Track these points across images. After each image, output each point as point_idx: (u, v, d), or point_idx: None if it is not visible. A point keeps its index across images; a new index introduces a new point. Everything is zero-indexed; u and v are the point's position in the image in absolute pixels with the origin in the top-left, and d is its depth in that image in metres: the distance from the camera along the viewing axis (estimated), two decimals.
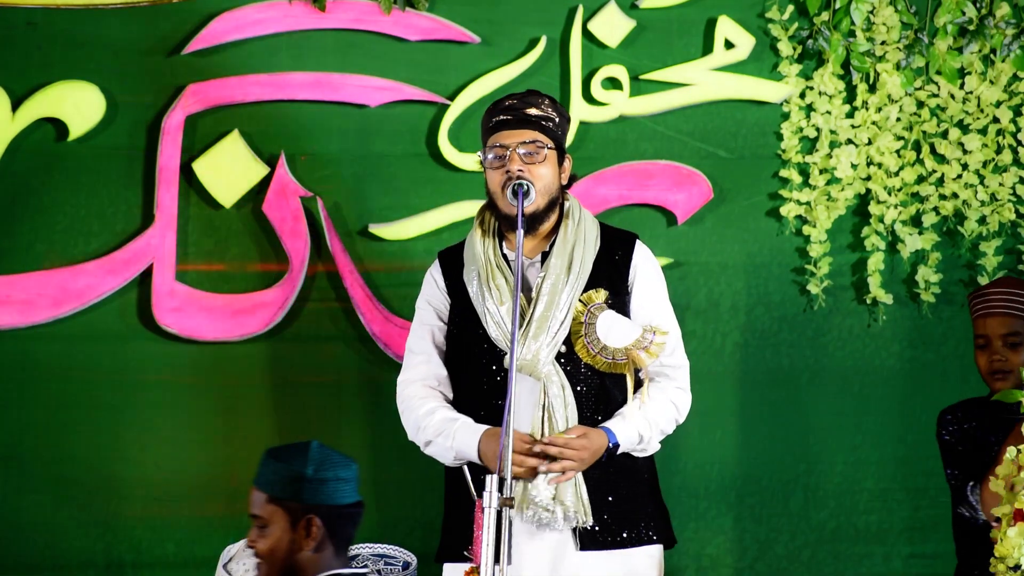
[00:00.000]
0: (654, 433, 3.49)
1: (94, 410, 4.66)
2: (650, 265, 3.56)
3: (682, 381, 3.57)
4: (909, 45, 4.92)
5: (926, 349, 4.87)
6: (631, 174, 4.87)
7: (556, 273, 3.41)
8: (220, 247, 4.74)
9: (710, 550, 4.84)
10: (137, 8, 4.73)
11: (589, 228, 3.49)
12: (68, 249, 4.69)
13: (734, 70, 4.91)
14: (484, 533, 2.98)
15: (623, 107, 4.87)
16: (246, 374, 4.72)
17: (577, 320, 3.41)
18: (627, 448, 3.45)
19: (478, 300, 3.44)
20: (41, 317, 4.64)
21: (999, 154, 4.93)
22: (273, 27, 4.78)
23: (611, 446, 3.41)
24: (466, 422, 3.40)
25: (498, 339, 3.40)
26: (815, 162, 4.90)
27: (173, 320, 4.67)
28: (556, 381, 3.38)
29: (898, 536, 4.89)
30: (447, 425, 3.42)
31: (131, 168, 4.73)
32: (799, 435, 4.90)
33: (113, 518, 4.65)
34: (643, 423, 3.46)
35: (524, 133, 3.43)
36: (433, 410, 3.46)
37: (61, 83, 4.69)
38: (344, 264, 4.73)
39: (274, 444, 4.68)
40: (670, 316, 3.57)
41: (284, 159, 4.75)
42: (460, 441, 3.39)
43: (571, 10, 4.87)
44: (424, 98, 4.81)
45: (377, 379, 4.73)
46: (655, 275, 3.56)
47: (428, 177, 4.81)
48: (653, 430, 3.48)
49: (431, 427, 3.44)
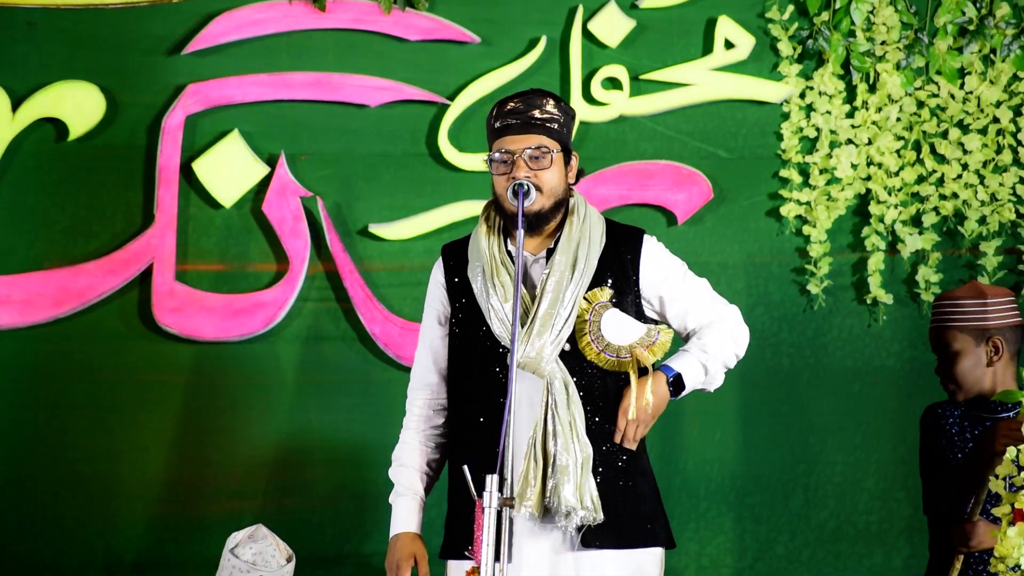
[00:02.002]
0: (718, 366, 3.47)
1: (94, 410, 4.66)
2: (661, 257, 3.53)
3: (737, 316, 3.55)
4: (909, 45, 4.92)
5: (926, 349, 4.85)
6: (631, 174, 4.87)
7: (560, 270, 3.40)
8: (220, 247, 4.74)
9: (710, 550, 4.85)
10: (137, 8, 4.73)
11: (594, 225, 3.48)
12: (68, 249, 4.69)
13: (734, 70, 4.92)
14: (484, 533, 2.98)
15: (623, 107, 4.87)
16: (246, 374, 4.72)
17: (581, 318, 3.40)
18: (692, 383, 3.44)
19: (482, 297, 3.44)
20: (41, 317, 4.64)
21: (999, 154, 4.93)
22: (273, 27, 4.78)
23: (669, 379, 3.39)
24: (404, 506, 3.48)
25: (502, 336, 3.40)
26: (815, 162, 4.90)
27: (173, 320, 4.67)
28: (560, 379, 3.37)
29: (898, 536, 4.89)
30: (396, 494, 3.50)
31: (131, 168, 4.73)
32: (799, 435, 4.90)
33: (113, 518, 4.65)
34: (704, 355, 3.44)
35: (530, 138, 3.42)
36: (402, 464, 3.52)
37: (61, 83, 4.69)
38: (344, 264, 4.73)
39: (274, 444, 4.73)
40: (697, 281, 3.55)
41: (284, 159, 4.75)
42: (394, 512, 3.47)
43: (571, 10, 4.87)
44: (424, 98, 4.82)
45: (377, 379, 4.73)
46: (668, 263, 3.54)
47: (428, 177, 4.81)
48: (716, 363, 3.46)
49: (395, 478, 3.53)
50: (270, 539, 3.87)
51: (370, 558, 4.67)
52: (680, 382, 3.43)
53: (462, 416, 3.46)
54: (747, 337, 3.55)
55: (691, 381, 3.45)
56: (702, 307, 3.52)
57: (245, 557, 3.82)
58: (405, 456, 3.54)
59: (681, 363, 3.45)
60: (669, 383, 3.40)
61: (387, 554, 3.46)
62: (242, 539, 3.86)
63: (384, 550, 3.51)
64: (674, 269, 3.54)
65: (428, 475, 3.55)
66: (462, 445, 3.43)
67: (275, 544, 3.87)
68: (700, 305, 3.52)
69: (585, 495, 3.32)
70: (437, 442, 3.55)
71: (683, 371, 3.43)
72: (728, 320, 3.53)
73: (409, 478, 3.52)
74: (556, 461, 3.32)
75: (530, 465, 3.33)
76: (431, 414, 3.55)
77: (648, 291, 3.49)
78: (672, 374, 3.41)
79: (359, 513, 4.70)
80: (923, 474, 3.85)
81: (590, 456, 3.35)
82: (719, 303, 3.55)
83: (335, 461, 4.73)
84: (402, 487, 3.51)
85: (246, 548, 3.84)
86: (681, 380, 3.43)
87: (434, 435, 3.55)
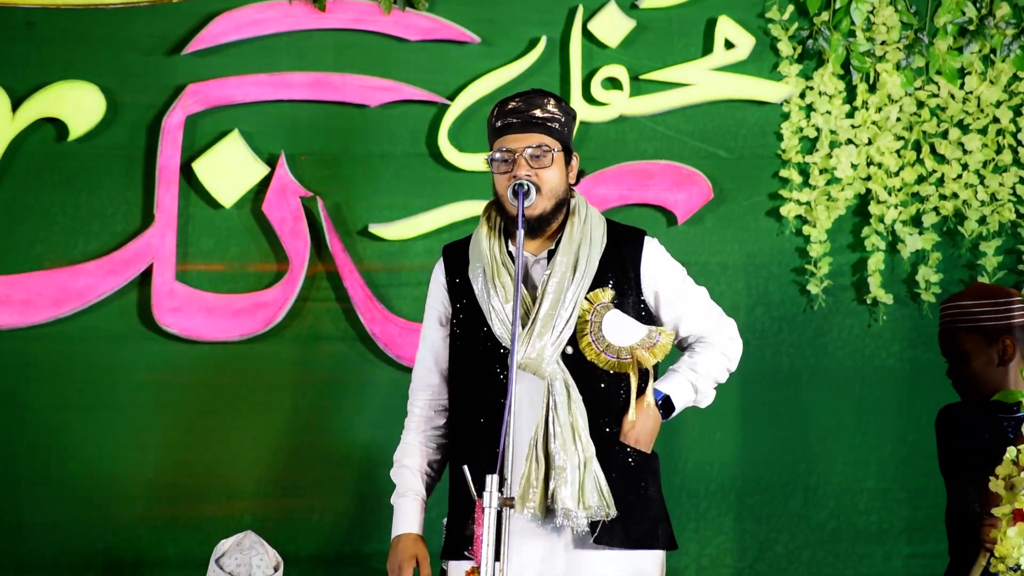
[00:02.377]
0: (708, 384, 3.49)
1: (94, 410, 4.66)
2: (661, 259, 3.54)
3: (731, 331, 3.56)
4: (909, 45, 4.92)
5: (926, 349, 4.87)
6: (631, 174, 4.87)
7: (561, 271, 3.40)
8: (220, 247, 4.74)
9: (710, 550, 4.84)
10: (137, 8, 4.73)
11: (596, 225, 3.48)
12: (68, 249, 4.69)
13: (734, 70, 4.92)
14: (484, 533, 2.98)
15: (623, 107, 4.87)
16: (246, 374, 4.72)
17: (583, 319, 3.40)
18: (682, 403, 3.46)
19: (483, 297, 3.44)
20: (41, 317, 4.64)
21: (999, 154, 4.93)
22: (273, 27, 4.78)
23: (658, 401, 3.41)
24: (405, 507, 3.47)
25: (502, 337, 3.40)
26: (815, 162, 4.90)
27: (173, 320, 4.67)
28: (560, 380, 3.37)
29: (898, 536, 4.89)
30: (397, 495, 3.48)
31: (131, 168, 4.73)
32: (799, 435, 4.90)
33: (113, 518, 4.65)
34: (693, 375, 3.47)
35: (530, 137, 3.42)
36: (404, 465, 3.51)
37: (61, 83, 4.69)
38: (344, 264, 4.73)
39: (274, 444, 4.73)
40: (697, 290, 3.56)
41: (284, 159, 4.75)
42: (395, 514, 3.45)
43: (571, 10, 4.87)
44: (424, 98, 4.81)
45: (377, 379, 4.73)
46: (668, 267, 3.54)
47: (428, 177, 4.81)
48: (706, 382, 3.49)
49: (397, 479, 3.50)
50: (258, 547, 3.87)
51: (370, 558, 4.67)
52: (669, 403, 3.45)
53: (463, 417, 3.46)
54: (740, 351, 3.57)
55: (680, 401, 3.49)
56: (697, 316, 3.52)
57: (229, 568, 3.82)
58: (406, 457, 3.54)
59: (670, 385, 3.49)
60: (659, 405, 3.43)
61: (389, 556, 3.46)
62: (229, 548, 3.86)
63: (384, 550, 3.51)
64: (674, 273, 3.54)
65: (429, 476, 3.55)
66: (463, 446, 3.43)
67: (263, 552, 3.87)
68: (695, 313, 3.52)
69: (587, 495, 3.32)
70: (438, 443, 3.55)
71: (672, 392, 3.48)
72: (721, 336, 3.54)
73: (410, 479, 3.51)
74: (555, 463, 3.32)
75: (531, 467, 3.33)
76: (432, 415, 3.55)
77: (647, 291, 3.50)
78: (660, 397, 3.44)
79: (359, 513, 4.70)
80: (945, 475, 3.84)
81: (592, 457, 3.35)
82: (715, 314, 3.56)
83: (335, 461, 4.73)
84: (403, 488, 3.51)
85: (231, 558, 3.84)
86: (670, 402, 3.45)
87: (435, 436, 3.55)
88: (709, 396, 3.54)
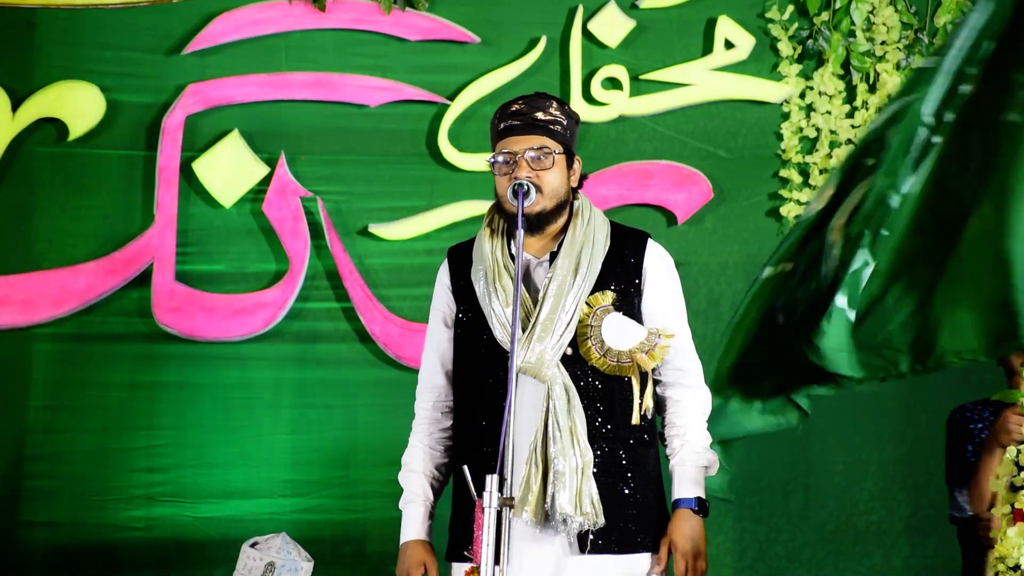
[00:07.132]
0: (709, 455, 3.49)
1: (95, 410, 4.66)
2: (662, 265, 3.52)
3: (699, 377, 3.54)
4: (909, 45, 4.92)
5: None
6: (631, 174, 4.87)
7: (563, 275, 3.39)
8: (220, 247, 4.74)
9: (710, 550, 4.78)
10: (137, 8, 4.73)
11: (599, 228, 3.47)
12: (68, 249, 4.69)
13: (734, 70, 4.92)
14: (484, 533, 2.97)
15: (623, 107, 4.87)
16: (246, 374, 4.72)
17: (583, 322, 3.39)
18: (703, 490, 3.45)
19: (484, 301, 3.43)
20: (41, 317, 4.64)
21: None
22: (273, 27, 4.78)
23: (694, 510, 3.40)
24: (413, 513, 3.46)
25: (503, 340, 3.39)
26: (815, 162, 4.90)
27: (173, 320, 4.68)
28: (560, 383, 3.36)
29: (898, 536, 4.89)
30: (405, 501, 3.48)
31: (131, 168, 4.73)
32: (799, 435, 4.89)
33: (113, 518, 4.65)
34: (697, 457, 3.45)
35: (532, 139, 3.41)
36: (411, 469, 3.50)
37: (61, 83, 4.69)
38: (344, 264, 4.74)
39: (274, 444, 4.73)
40: (680, 318, 3.53)
41: (284, 159, 4.75)
42: (403, 520, 3.46)
43: (571, 10, 4.87)
44: (424, 98, 4.82)
45: (377, 379, 4.73)
46: (666, 275, 3.52)
47: (428, 177, 4.81)
48: (708, 455, 3.48)
49: (404, 484, 3.50)
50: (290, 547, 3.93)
51: (370, 558, 4.67)
52: (703, 504, 3.43)
53: (465, 419, 3.45)
54: (709, 399, 3.54)
55: (702, 490, 3.43)
56: (677, 351, 3.48)
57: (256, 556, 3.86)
58: (414, 461, 3.53)
59: (690, 487, 3.42)
60: (695, 512, 3.41)
61: (397, 562, 3.46)
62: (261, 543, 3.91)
63: (385, 550, 3.52)
64: (672, 291, 3.51)
65: (437, 479, 3.53)
66: (465, 448, 3.43)
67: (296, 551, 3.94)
68: (677, 347, 3.48)
69: (583, 501, 3.31)
70: (446, 445, 3.53)
71: (698, 493, 3.42)
72: (697, 389, 3.49)
73: (417, 484, 3.50)
74: (554, 467, 3.32)
75: (531, 470, 3.32)
76: (439, 416, 3.54)
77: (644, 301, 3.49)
78: (692, 505, 3.41)
79: (360, 513, 4.70)
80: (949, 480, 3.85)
81: (591, 461, 3.34)
82: (688, 353, 3.50)
83: (335, 461, 4.73)
84: (411, 493, 3.50)
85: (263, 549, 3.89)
86: (703, 503, 3.43)
87: (442, 438, 3.53)
88: (716, 464, 3.53)
